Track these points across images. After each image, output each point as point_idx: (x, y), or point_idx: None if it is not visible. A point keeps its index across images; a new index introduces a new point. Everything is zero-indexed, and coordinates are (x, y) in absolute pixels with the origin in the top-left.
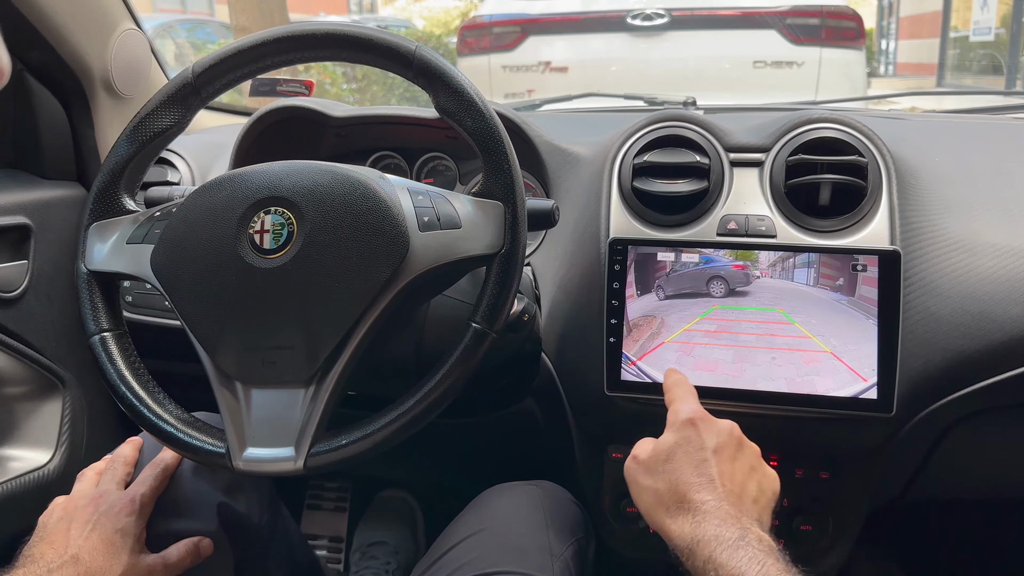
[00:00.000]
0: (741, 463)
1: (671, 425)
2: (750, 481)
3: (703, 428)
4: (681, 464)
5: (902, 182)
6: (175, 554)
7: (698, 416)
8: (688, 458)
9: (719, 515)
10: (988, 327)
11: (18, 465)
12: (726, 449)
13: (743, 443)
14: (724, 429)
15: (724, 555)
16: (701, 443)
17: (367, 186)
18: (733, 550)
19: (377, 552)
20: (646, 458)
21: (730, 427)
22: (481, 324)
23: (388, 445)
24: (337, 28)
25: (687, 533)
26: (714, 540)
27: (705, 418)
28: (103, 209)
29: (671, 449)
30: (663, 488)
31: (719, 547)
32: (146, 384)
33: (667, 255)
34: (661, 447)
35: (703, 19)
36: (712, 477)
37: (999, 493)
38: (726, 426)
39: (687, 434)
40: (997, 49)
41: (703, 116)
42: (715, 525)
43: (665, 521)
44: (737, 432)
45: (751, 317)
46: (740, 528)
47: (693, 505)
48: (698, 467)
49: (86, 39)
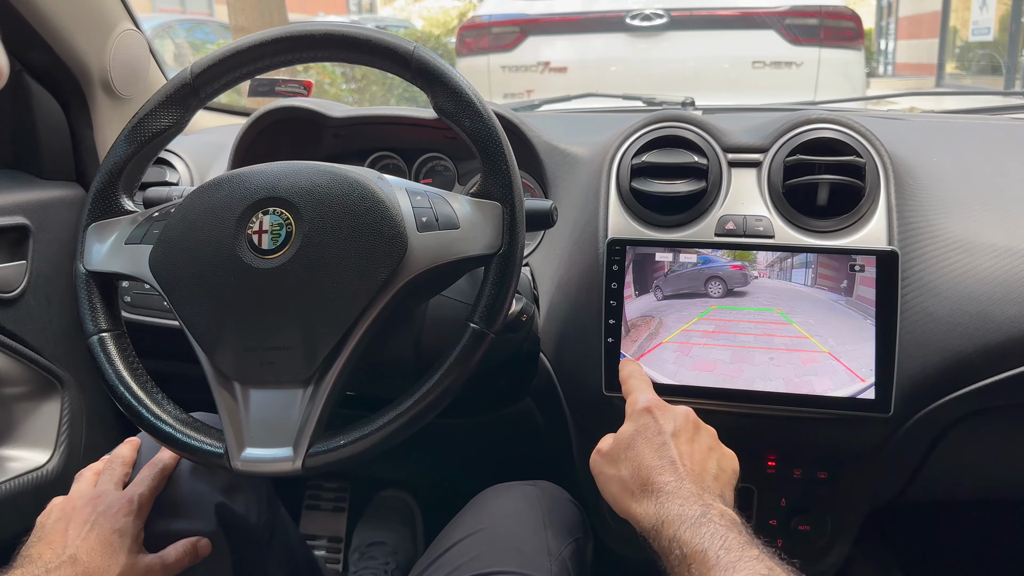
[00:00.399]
0: (699, 444)
1: (629, 415)
2: (709, 460)
3: (660, 414)
4: (642, 450)
5: (900, 182)
6: (173, 554)
7: (654, 404)
8: (648, 443)
9: (681, 495)
10: (986, 327)
11: (16, 465)
12: (684, 432)
13: (699, 425)
14: (680, 413)
15: (687, 533)
16: (659, 428)
17: (365, 186)
18: (696, 527)
19: (376, 552)
20: (608, 449)
21: (685, 411)
22: (479, 324)
23: (387, 445)
24: (335, 28)
25: (651, 514)
26: (677, 519)
27: (661, 405)
28: (102, 209)
29: (631, 437)
30: (627, 475)
31: (682, 525)
32: (144, 384)
33: (665, 255)
34: (621, 437)
35: (702, 19)
36: (672, 459)
37: (997, 493)
38: (682, 411)
39: (645, 421)
40: (996, 49)
41: (701, 116)
42: (678, 504)
43: (631, 506)
44: (693, 416)
45: (749, 317)
46: (702, 505)
47: (656, 487)
48: (658, 451)
49: (85, 39)
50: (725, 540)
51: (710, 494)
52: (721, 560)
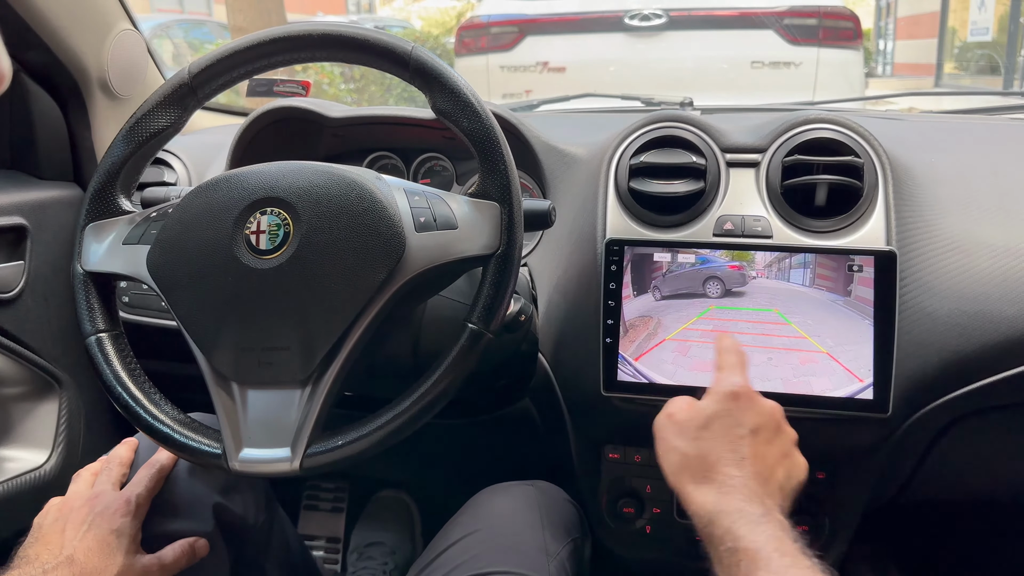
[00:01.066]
0: (775, 447)
1: (714, 393)
2: (780, 467)
3: (745, 404)
4: (716, 435)
5: (898, 182)
6: (171, 555)
7: (744, 392)
8: (724, 432)
9: (745, 492)
10: (984, 327)
11: (14, 466)
12: (764, 431)
13: (781, 427)
14: (766, 410)
15: (744, 528)
16: (740, 419)
17: (363, 187)
18: (754, 524)
19: (374, 552)
20: (682, 419)
21: (771, 409)
22: (478, 325)
23: (385, 446)
24: (334, 28)
25: (710, 503)
26: (736, 513)
27: (750, 395)
28: (99, 210)
29: (709, 418)
30: (692, 454)
31: (740, 519)
32: (142, 385)
33: (663, 255)
34: (699, 413)
35: (701, 19)
36: (744, 456)
37: (996, 493)
38: (768, 407)
39: (728, 407)
40: (994, 49)
41: (700, 117)
42: (739, 500)
43: (688, 487)
44: (778, 415)
45: (747, 317)
46: (763, 507)
47: (720, 478)
48: (733, 443)
49: (83, 39)
50: (781, 543)
51: (772, 500)
52: (773, 563)
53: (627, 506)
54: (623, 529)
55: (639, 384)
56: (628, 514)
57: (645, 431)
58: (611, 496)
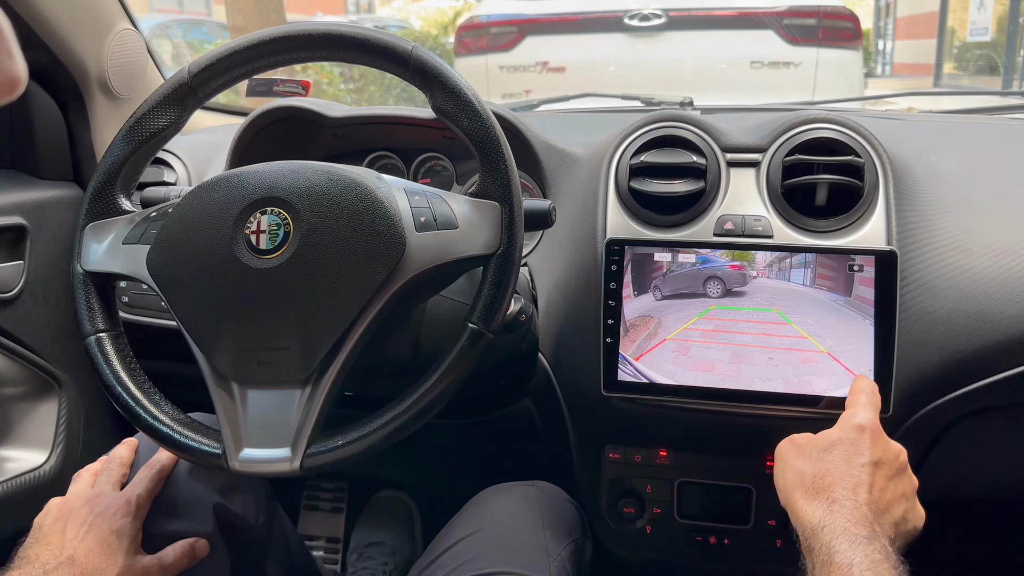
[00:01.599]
0: (896, 486)
1: (841, 424)
2: (898, 505)
3: (872, 439)
4: (836, 458)
5: (899, 182)
6: (171, 555)
7: (872, 427)
8: (846, 457)
9: (856, 514)
10: (985, 327)
11: (14, 466)
12: (886, 467)
13: (906, 471)
14: (893, 449)
15: (844, 545)
16: (864, 450)
17: (364, 186)
18: (856, 544)
19: (374, 552)
20: (803, 442)
21: (899, 450)
22: (478, 324)
23: (385, 446)
24: (334, 28)
25: (817, 516)
26: (841, 531)
27: (877, 431)
28: (99, 209)
29: (832, 443)
30: (809, 472)
31: (843, 537)
32: (142, 385)
33: (664, 255)
34: (822, 438)
35: (700, 19)
36: (862, 482)
37: (996, 492)
38: (895, 448)
39: (854, 436)
40: (993, 50)
41: (700, 116)
42: (847, 520)
43: (799, 501)
44: (904, 458)
45: (748, 317)
46: (871, 532)
47: (834, 496)
48: (853, 469)
49: (82, 39)
50: (877, 567)
51: (883, 529)
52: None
53: (628, 506)
54: (623, 529)
55: (639, 384)
56: (629, 514)
57: (646, 431)
58: (611, 496)
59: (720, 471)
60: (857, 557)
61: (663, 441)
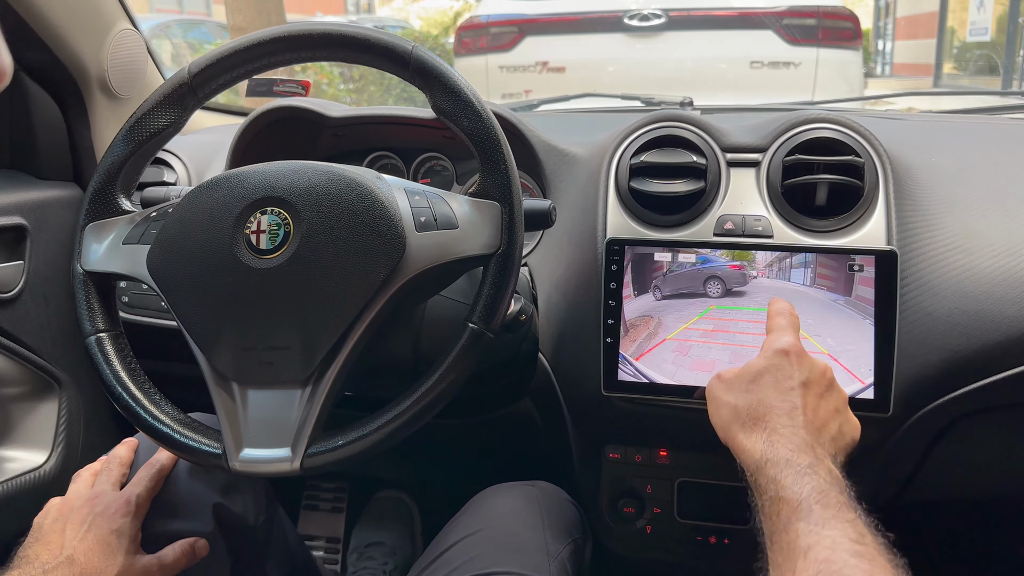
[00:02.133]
0: (827, 402)
1: (765, 351)
2: (832, 421)
3: (796, 361)
4: (766, 386)
5: (899, 182)
6: (171, 555)
7: (794, 349)
8: (775, 384)
9: (795, 440)
10: (985, 327)
11: (14, 466)
12: (815, 386)
13: (833, 386)
14: (818, 367)
15: (790, 478)
16: (791, 373)
17: (364, 186)
18: (799, 475)
19: (374, 552)
20: (732, 377)
21: (823, 367)
22: (478, 324)
23: (385, 446)
24: (334, 28)
25: (758, 450)
26: (783, 462)
27: (801, 352)
28: (99, 209)
29: (759, 372)
30: (743, 405)
31: (787, 469)
32: (142, 385)
33: (664, 255)
34: (749, 368)
35: (700, 19)
36: (796, 405)
37: (997, 492)
38: (820, 365)
39: (779, 362)
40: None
41: (700, 116)
42: (788, 449)
43: (739, 436)
44: (830, 374)
45: (748, 317)
46: (813, 457)
47: (770, 426)
48: (783, 394)
49: (82, 39)
50: (825, 495)
51: (823, 449)
52: (814, 513)
53: (628, 506)
54: (624, 529)
55: (640, 384)
56: (629, 514)
57: (646, 431)
58: (612, 496)
59: (720, 471)
60: (804, 490)
61: (663, 441)
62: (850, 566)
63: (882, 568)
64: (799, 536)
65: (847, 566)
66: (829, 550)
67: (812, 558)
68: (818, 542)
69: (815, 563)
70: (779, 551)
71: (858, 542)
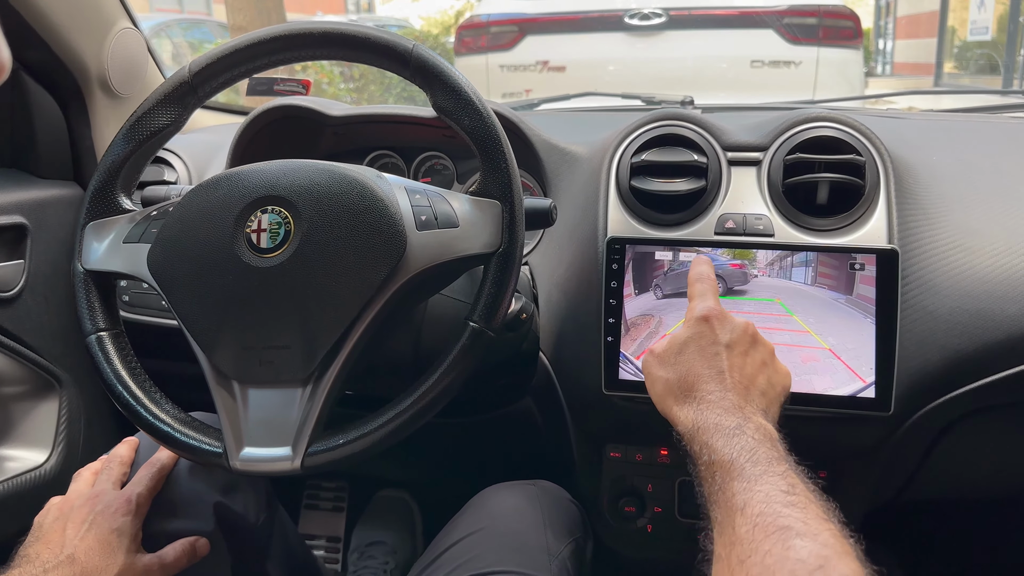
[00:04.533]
0: (752, 358)
1: (688, 320)
2: (760, 375)
3: (717, 324)
4: (692, 356)
5: (900, 181)
6: (171, 554)
7: (714, 313)
8: (700, 351)
9: (723, 405)
10: (986, 326)
11: (14, 465)
12: (739, 344)
13: (757, 340)
14: (739, 325)
15: (720, 441)
16: (714, 338)
17: (364, 185)
18: (728, 437)
19: (375, 552)
20: (662, 351)
21: (744, 324)
22: (479, 323)
23: (386, 444)
24: (334, 27)
25: (690, 419)
26: (713, 427)
27: (721, 315)
28: (99, 208)
29: (684, 342)
30: (673, 378)
31: (716, 433)
32: (143, 384)
33: (665, 254)
34: (675, 340)
35: (701, 19)
36: (721, 369)
37: (997, 491)
38: (741, 323)
39: (701, 329)
40: (994, 49)
41: (701, 115)
42: (716, 414)
43: (672, 408)
44: (752, 329)
45: (750, 309)
46: (741, 417)
47: (699, 395)
48: (709, 360)
49: (83, 38)
50: (754, 453)
51: (753, 407)
52: (746, 471)
53: (628, 505)
54: (624, 528)
55: (640, 383)
56: (629, 513)
57: (646, 430)
58: (612, 495)
59: None
60: (734, 451)
61: (664, 440)
62: (783, 516)
63: (814, 514)
64: (735, 495)
65: (780, 516)
66: (763, 503)
67: (748, 513)
68: (752, 497)
69: (752, 517)
70: (719, 509)
71: (789, 492)
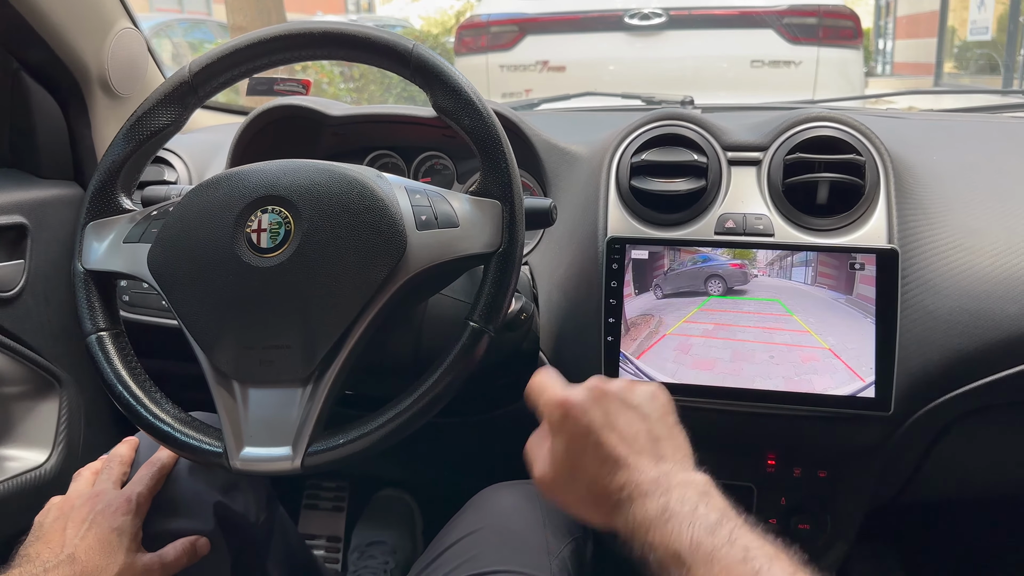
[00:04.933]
0: (627, 418)
1: (553, 427)
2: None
3: (578, 413)
4: (582, 463)
5: (900, 181)
6: (172, 553)
7: (566, 403)
8: (583, 452)
9: (640, 490)
10: (986, 325)
11: (14, 465)
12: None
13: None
14: (592, 399)
15: (656, 536)
16: (587, 428)
17: (364, 185)
18: (661, 526)
19: (375, 551)
20: (551, 477)
21: (600, 392)
22: (479, 323)
23: (386, 444)
24: (334, 27)
25: (622, 525)
26: (644, 522)
27: (570, 403)
28: (100, 208)
29: (564, 454)
30: (584, 493)
31: (650, 529)
32: (143, 383)
33: (665, 254)
34: (556, 457)
35: (701, 18)
36: (616, 456)
37: (998, 491)
38: (593, 395)
39: (569, 429)
40: (994, 49)
41: (701, 115)
42: (641, 507)
43: (605, 519)
44: (599, 389)
45: (750, 309)
46: (663, 494)
47: (613, 499)
48: (596, 454)
49: (83, 38)
50: (692, 528)
51: (670, 463)
52: (696, 557)
53: None
54: None
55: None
56: None
57: None
58: None
59: (720, 469)
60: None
61: None
62: None
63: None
64: None
65: None
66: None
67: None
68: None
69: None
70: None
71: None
